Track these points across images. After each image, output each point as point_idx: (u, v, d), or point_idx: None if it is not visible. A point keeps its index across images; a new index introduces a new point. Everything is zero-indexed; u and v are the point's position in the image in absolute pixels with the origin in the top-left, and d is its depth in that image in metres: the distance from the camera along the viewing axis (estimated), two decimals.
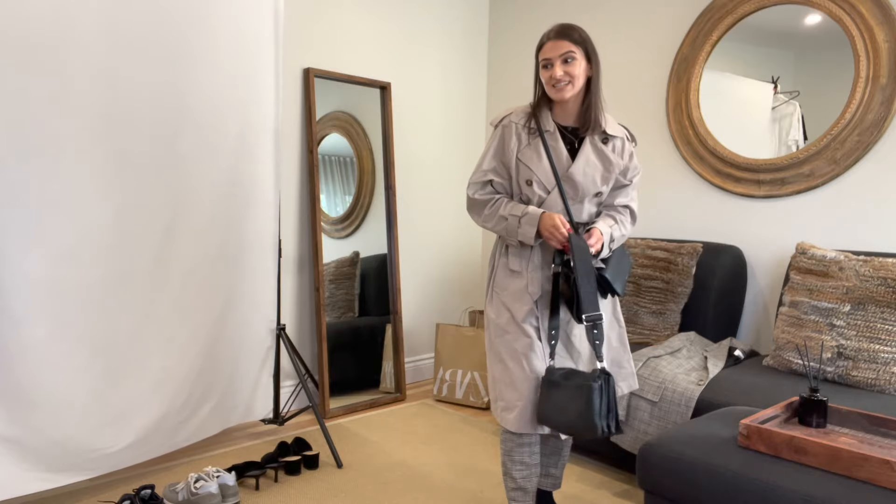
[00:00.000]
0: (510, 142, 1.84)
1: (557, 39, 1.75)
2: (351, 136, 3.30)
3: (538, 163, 1.81)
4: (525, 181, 1.83)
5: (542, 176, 1.80)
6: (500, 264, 1.93)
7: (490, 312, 1.92)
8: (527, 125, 1.84)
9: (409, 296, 3.65)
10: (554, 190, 1.81)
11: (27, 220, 1.90)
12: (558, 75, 1.74)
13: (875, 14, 2.37)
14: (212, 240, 2.35)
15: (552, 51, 1.75)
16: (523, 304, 1.83)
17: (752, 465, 1.45)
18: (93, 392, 2.07)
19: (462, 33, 3.81)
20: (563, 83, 1.75)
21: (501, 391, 1.86)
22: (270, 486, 2.31)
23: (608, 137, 1.84)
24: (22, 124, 1.87)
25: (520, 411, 1.79)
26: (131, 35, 2.07)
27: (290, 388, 3.12)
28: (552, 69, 1.76)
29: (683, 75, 2.95)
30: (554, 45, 1.75)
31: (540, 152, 1.81)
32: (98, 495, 2.20)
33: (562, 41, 1.74)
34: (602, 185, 1.84)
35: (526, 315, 1.82)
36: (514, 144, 1.84)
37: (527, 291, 1.83)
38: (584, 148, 1.82)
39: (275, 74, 2.51)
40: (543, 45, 1.78)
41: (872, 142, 2.38)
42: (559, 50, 1.74)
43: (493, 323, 1.89)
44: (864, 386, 2.06)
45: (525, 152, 1.83)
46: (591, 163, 1.82)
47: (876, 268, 2.11)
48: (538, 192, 1.81)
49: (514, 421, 1.80)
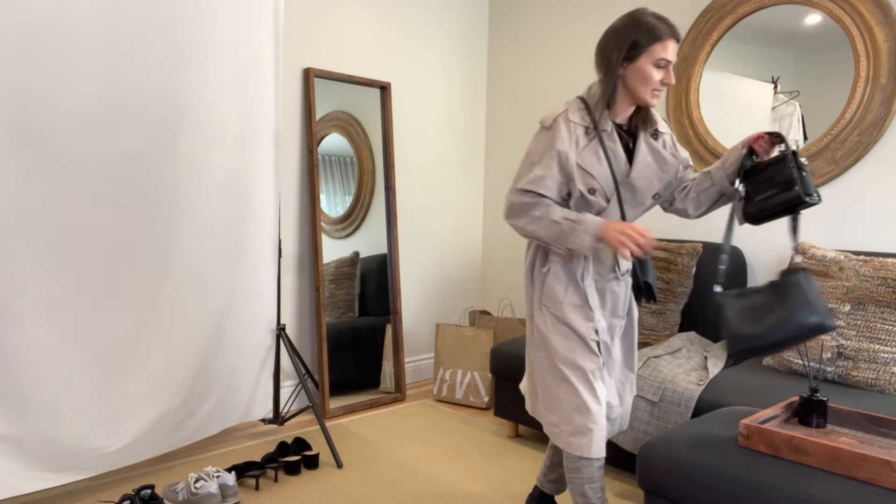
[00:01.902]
0: (569, 144, 1.64)
1: (676, 41, 1.57)
2: (351, 136, 3.30)
3: (598, 168, 1.64)
4: (588, 189, 1.65)
5: (604, 183, 1.65)
6: (549, 275, 1.75)
7: (542, 327, 1.75)
8: (583, 124, 1.65)
9: (409, 296, 3.65)
10: (613, 197, 1.67)
11: (27, 220, 1.90)
12: (673, 81, 1.60)
13: (875, 14, 2.37)
14: (211, 240, 2.35)
15: (671, 53, 1.57)
16: (585, 318, 1.71)
17: (752, 465, 1.45)
18: (92, 391, 2.07)
19: (462, 33, 3.81)
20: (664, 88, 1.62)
21: (569, 415, 1.68)
22: (270, 486, 2.31)
23: (658, 133, 1.72)
24: (22, 124, 1.87)
25: (596, 435, 1.65)
26: (131, 35, 2.07)
27: (290, 388, 3.12)
28: (667, 73, 1.60)
29: (683, 75, 2.95)
30: (674, 46, 1.57)
31: (599, 156, 1.64)
32: (98, 495, 2.20)
33: (677, 44, 1.59)
34: (658, 186, 1.73)
35: (589, 330, 1.70)
36: (574, 147, 1.64)
37: (587, 304, 1.72)
38: (639, 148, 1.68)
39: (275, 74, 2.51)
40: (663, 40, 1.56)
41: (872, 142, 2.38)
42: (675, 54, 1.59)
43: (550, 339, 1.72)
44: (864, 386, 2.06)
45: (584, 156, 1.64)
46: (649, 164, 1.69)
47: (876, 268, 2.11)
48: (599, 200, 1.66)
49: (592, 446, 1.65)
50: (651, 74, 1.58)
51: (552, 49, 3.58)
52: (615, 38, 1.60)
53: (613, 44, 1.61)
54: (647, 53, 1.57)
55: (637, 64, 1.59)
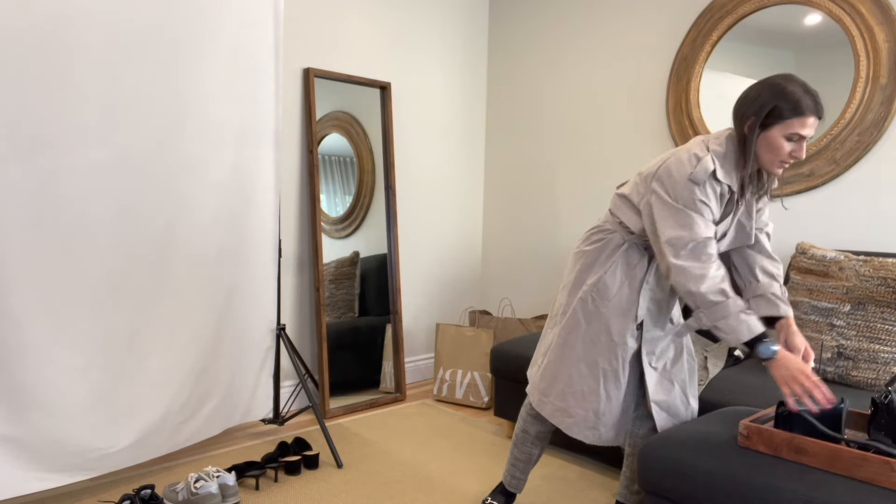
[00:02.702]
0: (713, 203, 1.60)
1: (818, 118, 1.50)
2: (351, 136, 3.30)
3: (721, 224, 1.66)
4: None
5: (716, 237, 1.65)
6: (609, 268, 1.78)
7: (579, 312, 1.81)
8: (726, 182, 1.60)
9: (409, 296, 3.65)
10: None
11: (27, 220, 1.90)
12: (803, 156, 1.54)
13: (875, 14, 2.37)
14: (212, 239, 2.35)
15: (809, 129, 1.51)
16: (627, 319, 1.76)
17: (752, 465, 1.45)
18: (93, 392, 2.07)
19: (462, 33, 3.81)
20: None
21: (563, 394, 1.84)
22: (270, 486, 2.31)
23: (759, 198, 1.70)
24: (22, 124, 1.87)
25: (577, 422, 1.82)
26: (132, 35, 2.07)
27: (290, 388, 3.12)
28: (799, 147, 1.53)
29: (683, 75, 2.95)
30: (814, 121, 1.50)
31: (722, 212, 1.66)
32: (98, 495, 2.20)
33: (817, 120, 1.51)
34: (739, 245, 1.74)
35: (625, 333, 1.76)
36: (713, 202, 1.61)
37: (634, 309, 1.76)
38: (739, 210, 1.68)
39: (275, 74, 2.51)
40: (803, 116, 1.48)
41: (872, 142, 2.38)
42: (812, 129, 1.52)
43: (581, 326, 1.81)
44: (864, 386, 2.06)
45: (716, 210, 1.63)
46: (740, 224, 1.70)
47: (876, 268, 2.11)
48: None
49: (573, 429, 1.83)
50: (781, 146, 1.52)
51: (552, 48, 3.58)
52: (755, 103, 1.54)
53: (753, 108, 1.55)
54: (782, 124, 1.51)
55: (770, 133, 1.53)
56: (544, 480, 2.39)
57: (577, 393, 1.82)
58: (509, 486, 2.08)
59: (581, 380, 1.81)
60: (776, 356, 1.50)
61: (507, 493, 2.10)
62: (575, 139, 3.48)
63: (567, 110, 3.51)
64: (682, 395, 1.82)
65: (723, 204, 1.62)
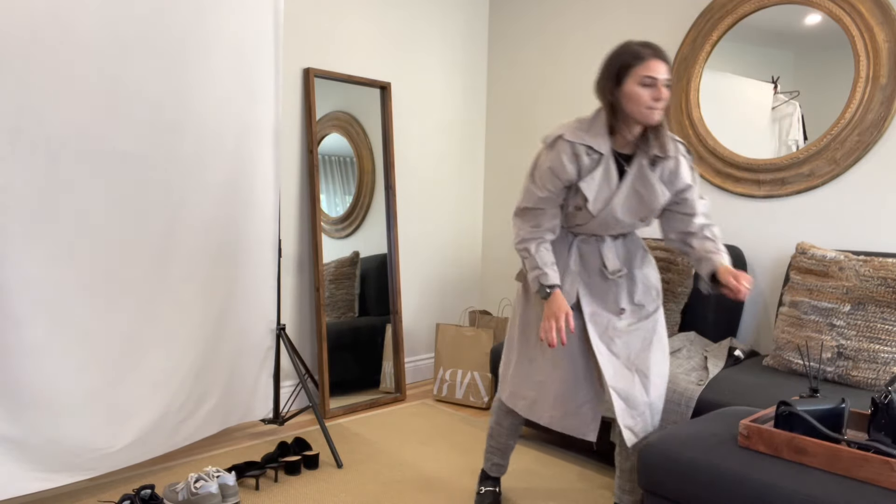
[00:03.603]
0: (567, 165, 1.73)
1: (662, 61, 1.64)
2: (351, 136, 3.30)
3: (587, 190, 1.74)
4: (575, 207, 1.79)
5: (591, 204, 1.75)
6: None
7: (518, 298, 2.01)
8: (583, 143, 1.72)
9: (409, 296, 3.65)
10: (600, 215, 1.78)
11: (27, 220, 1.90)
12: (666, 95, 1.64)
13: (875, 14, 2.37)
14: (212, 240, 2.35)
15: (655, 71, 1.63)
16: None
17: (752, 465, 1.45)
18: (92, 392, 2.07)
19: (462, 33, 3.81)
20: (661, 106, 1.66)
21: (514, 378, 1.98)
22: (270, 486, 2.31)
23: (658, 160, 1.76)
24: (22, 124, 1.87)
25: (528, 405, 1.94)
26: (131, 35, 2.07)
27: (290, 388, 3.12)
28: (657, 90, 1.63)
29: (683, 75, 2.95)
30: (658, 64, 1.63)
31: (591, 178, 1.73)
32: (98, 495, 2.20)
33: (665, 64, 1.64)
34: (643, 212, 1.80)
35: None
36: (572, 169, 1.73)
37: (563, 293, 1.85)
38: (627, 176, 1.76)
39: (275, 74, 2.51)
40: (645, 61, 1.63)
41: (872, 142, 2.38)
42: (664, 73, 1.64)
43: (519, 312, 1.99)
44: (864, 386, 2.06)
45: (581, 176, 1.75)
46: (634, 192, 1.77)
47: (876, 268, 2.11)
48: (586, 215, 1.79)
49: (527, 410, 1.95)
50: (640, 94, 1.64)
51: (552, 48, 3.58)
52: (605, 69, 1.71)
53: (605, 76, 1.71)
54: (632, 75, 1.65)
55: (625, 87, 1.66)
56: (544, 480, 2.39)
57: (524, 376, 1.95)
58: (492, 472, 2.18)
59: (523, 364, 1.95)
60: (548, 298, 1.77)
61: (492, 479, 2.21)
62: None
63: (567, 110, 3.51)
64: (641, 388, 1.83)
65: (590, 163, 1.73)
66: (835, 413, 1.49)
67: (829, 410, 1.49)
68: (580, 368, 1.86)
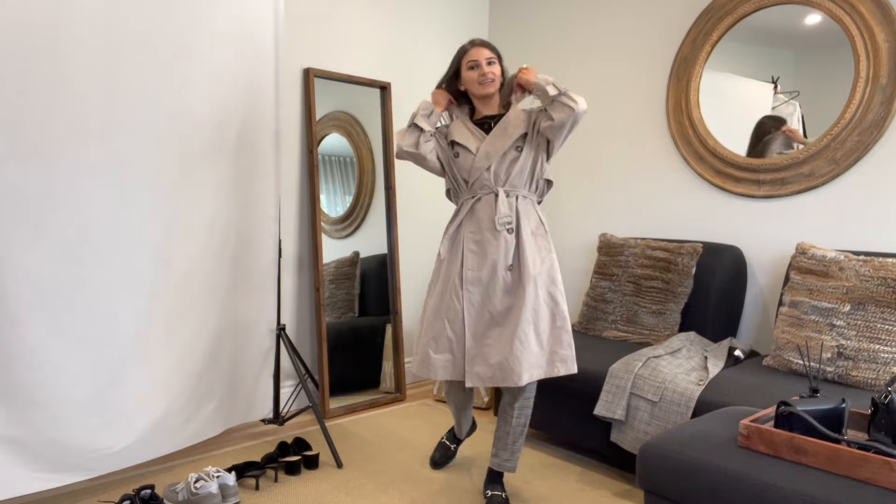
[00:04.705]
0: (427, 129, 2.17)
1: (482, 47, 2.12)
2: (351, 136, 3.30)
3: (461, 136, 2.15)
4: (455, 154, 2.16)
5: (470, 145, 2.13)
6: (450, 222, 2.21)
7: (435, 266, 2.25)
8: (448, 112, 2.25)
9: (409, 296, 3.65)
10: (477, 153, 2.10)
11: (27, 220, 1.90)
12: (486, 71, 2.09)
13: (875, 14, 2.38)
14: (212, 240, 2.35)
15: (474, 55, 2.11)
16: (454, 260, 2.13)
17: (752, 465, 1.45)
18: (93, 392, 2.07)
19: (462, 33, 3.81)
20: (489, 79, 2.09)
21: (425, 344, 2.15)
22: (270, 486, 2.31)
23: (502, 115, 2.17)
24: (22, 124, 1.87)
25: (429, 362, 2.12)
26: (131, 35, 2.07)
27: (290, 388, 3.12)
28: (480, 69, 2.10)
29: (683, 75, 2.95)
30: (477, 51, 2.11)
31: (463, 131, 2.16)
32: (98, 495, 2.20)
33: (484, 48, 2.11)
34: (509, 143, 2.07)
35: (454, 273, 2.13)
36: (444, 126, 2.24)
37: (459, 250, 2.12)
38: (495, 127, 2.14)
39: (275, 74, 2.51)
40: (467, 50, 2.12)
41: (872, 142, 2.38)
42: (483, 56, 2.10)
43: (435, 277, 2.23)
44: (864, 386, 2.06)
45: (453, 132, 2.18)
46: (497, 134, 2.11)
47: (876, 268, 2.11)
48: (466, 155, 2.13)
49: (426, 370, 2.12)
50: (470, 76, 2.12)
51: (552, 48, 3.58)
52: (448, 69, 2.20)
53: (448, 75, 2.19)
54: (462, 65, 2.14)
55: (462, 76, 2.15)
56: (544, 480, 2.39)
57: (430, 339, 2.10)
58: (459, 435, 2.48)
59: (428, 326, 2.12)
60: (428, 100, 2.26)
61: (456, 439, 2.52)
62: (575, 139, 3.48)
63: None
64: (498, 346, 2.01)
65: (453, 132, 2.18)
66: (835, 413, 1.49)
67: (829, 410, 1.49)
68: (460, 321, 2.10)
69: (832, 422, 1.49)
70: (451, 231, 2.15)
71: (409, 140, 2.12)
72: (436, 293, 2.14)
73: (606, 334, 2.82)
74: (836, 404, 1.49)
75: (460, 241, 2.11)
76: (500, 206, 2.05)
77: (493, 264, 2.05)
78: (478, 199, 2.11)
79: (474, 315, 2.08)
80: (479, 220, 2.09)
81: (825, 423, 1.49)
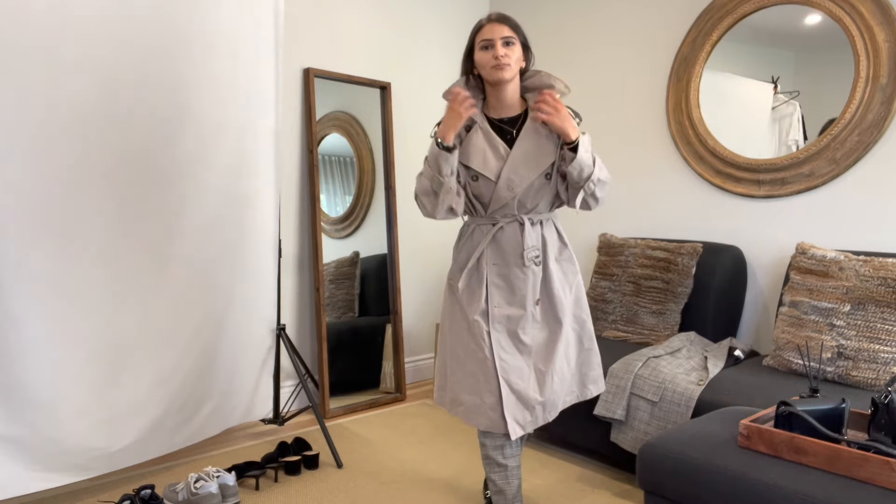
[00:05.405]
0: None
1: (496, 23, 1.76)
2: (351, 136, 3.30)
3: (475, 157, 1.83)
4: (472, 177, 1.85)
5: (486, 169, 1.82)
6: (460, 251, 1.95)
7: (444, 300, 1.99)
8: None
9: (409, 296, 3.65)
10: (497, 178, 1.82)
11: (27, 220, 1.90)
12: (500, 52, 1.74)
13: (875, 14, 2.37)
14: (212, 240, 2.35)
15: (489, 33, 1.76)
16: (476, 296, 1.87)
17: (752, 465, 1.45)
18: (93, 392, 2.07)
19: (462, 33, 3.81)
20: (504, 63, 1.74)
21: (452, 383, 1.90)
22: (270, 486, 2.31)
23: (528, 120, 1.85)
24: (21, 124, 1.87)
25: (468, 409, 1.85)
26: (131, 35, 2.07)
27: (290, 388, 3.12)
28: (494, 49, 1.75)
29: (683, 75, 2.95)
30: (492, 27, 1.76)
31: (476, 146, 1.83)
32: (98, 495, 2.20)
33: (500, 25, 1.76)
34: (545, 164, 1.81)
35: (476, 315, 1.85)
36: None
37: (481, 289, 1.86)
38: (521, 135, 1.82)
39: (275, 74, 2.51)
40: (481, 28, 1.78)
41: (872, 142, 2.38)
42: (498, 32, 1.75)
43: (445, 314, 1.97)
44: (864, 386, 2.06)
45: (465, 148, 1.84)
46: (528, 149, 1.81)
47: (876, 268, 2.11)
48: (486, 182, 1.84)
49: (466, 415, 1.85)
50: (482, 57, 1.77)
51: (552, 48, 3.58)
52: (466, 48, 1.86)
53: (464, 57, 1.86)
54: (475, 45, 1.79)
55: (475, 58, 1.80)
56: (544, 480, 2.39)
57: (460, 380, 1.86)
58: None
59: (458, 366, 1.87)
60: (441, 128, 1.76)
61: None
62: None
63: None
64: (535, 386, 1.82)
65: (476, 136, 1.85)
66: (835, 413, 1.49)
67: (829, 410, 1.49)
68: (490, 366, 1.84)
69: (832, 422, 1.49)
70: (471, 263, 1.86)
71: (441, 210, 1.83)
72: (456, 331, 1.89)
73: (606, 334, 2.82)
74: (836, 404, 1.49)
75: (482, 275, 1.86)
76: (528, 239, 1.83)
77: (521, 300, 1.84)
78: (500, 227, 1.85)
79: (506, 358, 1.84)
80: (503, 252, 1.85)
81: (825, 423, 1.49)
